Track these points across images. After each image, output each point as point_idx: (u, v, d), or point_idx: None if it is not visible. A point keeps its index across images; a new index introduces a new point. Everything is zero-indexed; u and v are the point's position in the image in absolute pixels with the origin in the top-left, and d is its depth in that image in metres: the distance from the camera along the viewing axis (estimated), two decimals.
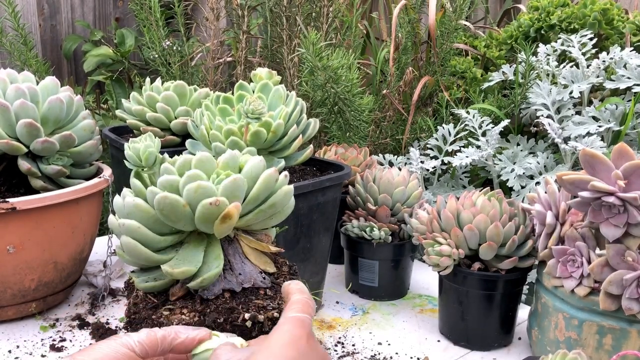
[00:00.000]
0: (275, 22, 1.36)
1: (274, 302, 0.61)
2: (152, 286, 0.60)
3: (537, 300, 0.85)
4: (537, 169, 1.18)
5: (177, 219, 0.57)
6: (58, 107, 0.93)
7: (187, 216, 0.57)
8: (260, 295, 0.61)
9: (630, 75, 1.17)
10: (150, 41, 1.43)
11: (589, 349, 0.76)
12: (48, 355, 0.87)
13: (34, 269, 0.92)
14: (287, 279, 0.65)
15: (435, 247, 0.88)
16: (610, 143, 1.17)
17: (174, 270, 0.57)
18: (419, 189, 1.06)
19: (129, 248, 0.58)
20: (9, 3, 1.35)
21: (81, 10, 1.89)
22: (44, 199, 0.87)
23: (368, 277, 1.06)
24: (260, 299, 0.61)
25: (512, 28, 1.49)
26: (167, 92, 1.08)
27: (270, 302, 0.61)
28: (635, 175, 0.69)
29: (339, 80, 1.15)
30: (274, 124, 0.84)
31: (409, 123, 1.39)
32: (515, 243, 0.86)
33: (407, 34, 1.49)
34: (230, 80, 1.49)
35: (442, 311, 0.95)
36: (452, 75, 1.47)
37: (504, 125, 1.22)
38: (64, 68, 1.89)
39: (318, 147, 1.28)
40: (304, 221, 0.92)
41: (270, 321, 0.60)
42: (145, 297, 0.60)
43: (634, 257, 0.71)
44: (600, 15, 1.35)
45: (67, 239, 0.94)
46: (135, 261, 0.60)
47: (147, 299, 0.60)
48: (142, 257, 0.59)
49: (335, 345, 0.92)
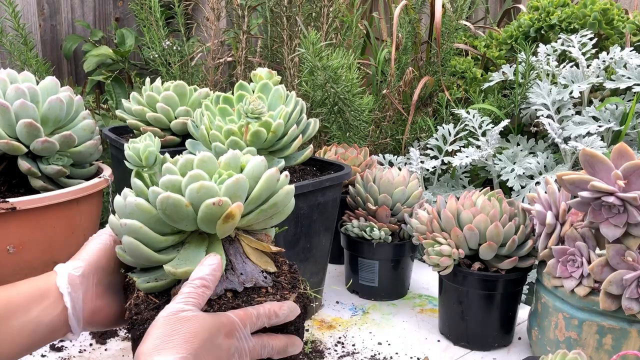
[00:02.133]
0: (276, 22, 1.36)
1: (276, 300, 0.62)
2: (153, 286, 0.60)
3: (537, 300, 0.85)
4: (537, 169, 1.18)
5: (180, 219, 0.57)
6: (58, 107, 0.93)
7: (190, 216, 0.57)
8: (262, 294, 0.61)
9: (630, 75, 1.17)
10: (150, 41, 1.43)
11: (589, 348, 0.76)
12: (48, 355, 0.87)
13: (34, 269, 0.91)
14: (287, 278, 0.66)
15: (435, 247, 0.88)
16: (610, 143, 1.17)
17: (177, 270, 0.58)
18: (419, 189, 1.06)
19: (130, 248, 0.58)
20: (9, 3, 1.35)
21: (81, 10, 1.89)
22: (44, 199, 0.87)
23: (368, 277, 1.06)
24: (262, 297, 0.61)
25: (512, 28, 1.49)
26: (167, 92, 1.08)
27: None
28: (635, 175, 0.69)
29: (339, 80, 1.15)
30: (274, 124, 0.84)
31: (409, 123, 1.39)
32: (515, 243, 0.86)
33: (408, 34, 1.49)
34: (231, 80, 1.49)
35: (442, 311, 0.95)
36: (452, 75, 1.47)
37: (504, 125, 1.22)
38: (64, 68, 1.89)
39: (318, 147, 1.28)
40: (304, 221, 0.92)
41: None
42: (146, 297, 0.60)
43: (634, 257, 0.71)
44: (600, 15, 1.35)
45: (67, 239, 0.94)
46: (136, 261, 0.60)
47: (148, 300, 0.60)
48: (144, 257, 0.59)
49: (335, 345, 0.92)
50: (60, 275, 0.60)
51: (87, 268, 0.61)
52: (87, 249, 0.63)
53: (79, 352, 0.88)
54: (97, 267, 0.62)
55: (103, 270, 0.63)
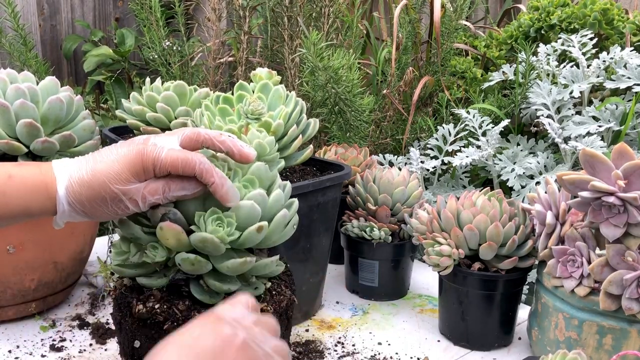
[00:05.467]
0: (276, 22, 1.36)
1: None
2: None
3: (537, 300, 0.85)
4: (537, 168, 1.18)
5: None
6: (58, 107, 0.93)
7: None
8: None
9: (630, 75, 1.17)
10: (151, 41, 1.43)
11: (589, 349, 0.76)
12: (48, 355, 0.87)
13: (34, 269, 0.92)
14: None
15: (435, 247, 0.88)
16: (610, 143, 1.17)
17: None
18: (419, 189, 1.06)
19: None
20: (8, 3, 1.35)
21: (81, 10, 1.89)
22: None
23: (368, 277, 1.06)
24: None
25: (512, 28, 1.49)
26: (167, 92, 1.08)
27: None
28: (635, 175, 0.69)
29: (340, 80, 1.15)
30: (273, 124, 0.84)
31: (409, 123, 1.39)
32: (515, 243, 0.86)
33: (408, 34, 1.49)
34: (231, 80, 1.49)
35: (442, 311, 0.95)
36: (452, 75, 1.47)
37: (504, 125, 1.22)
38: (64, 68, 1.89)
39: (318, 147, 1.28)
40: (304, 221, 0.92)
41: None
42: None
43: (634, 257, 0.71)
44: (601, 15, 1.35)
45: (67, 239, 0.94)
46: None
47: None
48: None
49: (335, 345, 0.92)
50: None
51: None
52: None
53: (78, 352, 0.88)
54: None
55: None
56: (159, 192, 0.59)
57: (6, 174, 0.60)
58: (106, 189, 0.59)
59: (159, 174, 0.60)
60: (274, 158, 0.71)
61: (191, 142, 0.62)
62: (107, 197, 0.59)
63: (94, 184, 0.59)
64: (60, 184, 0.60)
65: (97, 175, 0.59)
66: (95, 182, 0.59)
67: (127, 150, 0.60)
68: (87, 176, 0.59)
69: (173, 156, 0.59)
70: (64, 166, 0.61)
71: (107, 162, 0.59)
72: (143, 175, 0.60)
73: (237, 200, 0.60)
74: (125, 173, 0.59)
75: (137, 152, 0.59)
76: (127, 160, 0.59)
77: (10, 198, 0.59)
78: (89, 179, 0.59)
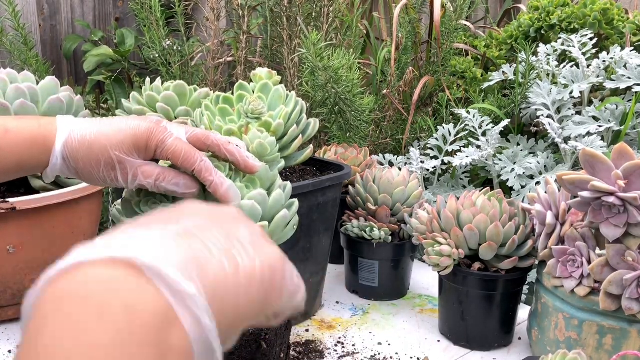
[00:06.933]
0: (276, 22, 1.36)
1: None
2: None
3: (537, 300, 0.85)
4: (537, 168, 1.18)
5: None
6: (58, 107, 0.93)
7: None
8: None
9: (630, 75, 1.17)
10: (151, 41, 1.43)
11: (589, 349, 0.76)
12: None
13: (34, 269, 0.92)
14: None
15: (435, 247, 0.88)
16: (611, 143, 1.17)
17: None
18: (419, 189, 1.06)
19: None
20: (9, 3, 1.35)
21: (81, 10, 1.89)
22: (44, 199, 0.87)
23: (368, 277, 1.06)
24: None
25: (512, 28, 1.49)
26: (167, 92, 1.08)
27: None
28: (635, 175, 0.69)
29: (340, 80, 1.15)
30: (273, 124, 0.84)
31: (409, 123, 1.39)
32: (515, 243, 0.86)
33: (408, 33, 1.49)
34: (231, 80, 1.49)
35: (442, 311, 0.95)
36: (452, 75, 1.47)
37: (504, 125, 1.22)
38: (64, 68, 1.89)
39: (318, 147, 1.28)
40: (304, 221, 0.92)
41: None
42: None
43: (634, 257, 0.71)
44: (601, 15, 1.35)
45: (67, 239, 0.94)
46: None
47: None
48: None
49: (335, 345, 0.92)
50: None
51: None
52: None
53: None
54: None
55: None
56: (153, 177, 0.60)
57: (3, 127, 0.59)
58: (104, 153, 0.59)
59: (158, 157, 0.60)
60: (275, 158, 0.71)
61: (198, 142, 0.63)
62: (103, 160, 0.60)
63: (95, 145, 0.59)
64: (60, 138, 0.60)
65: (100, 137, 0.60)
66: (96, 143, 0.59)
67: (138, 123, 0.61)
68: (90, 136, 0.60)
69: (178, 145, 0.60)
70: (68, 122, 0.61)
71: (115, 127, 0.60)
72: (144, 152, 0.60)
73: (238, 199, 0.60)
74: (129, 143, 0.59)
75: (146, 129, 0.60)
76: (134, 132, 0.60)
77: (5, 152, 0.59)
78: (91, 138, 0.60)
